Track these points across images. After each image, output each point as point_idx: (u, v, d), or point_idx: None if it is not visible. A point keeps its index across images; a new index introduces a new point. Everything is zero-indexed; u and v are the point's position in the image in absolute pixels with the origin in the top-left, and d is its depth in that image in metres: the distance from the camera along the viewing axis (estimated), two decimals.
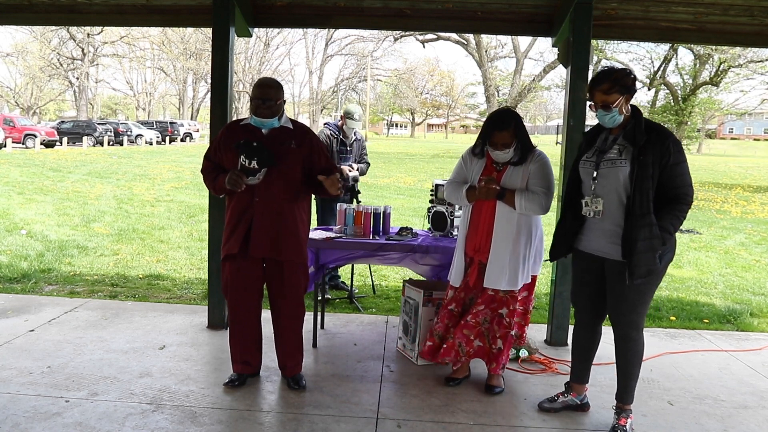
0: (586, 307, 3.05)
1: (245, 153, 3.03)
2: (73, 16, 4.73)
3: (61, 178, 14.24)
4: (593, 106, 2.83)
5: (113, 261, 6.40)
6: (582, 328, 3.11)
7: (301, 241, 3.25)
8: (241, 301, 3.27)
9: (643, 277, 2.73)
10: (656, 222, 2.71)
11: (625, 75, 2.80)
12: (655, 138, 2.73)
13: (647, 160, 2.70)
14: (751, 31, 4.50)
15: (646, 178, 2.70)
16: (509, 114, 3.25)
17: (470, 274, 3.33)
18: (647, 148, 2.71)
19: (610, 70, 2.86)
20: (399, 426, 2.96)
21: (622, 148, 2.80)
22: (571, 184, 3.01)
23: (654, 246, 2.70)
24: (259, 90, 3.12)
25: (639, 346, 2.90)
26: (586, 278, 3.01)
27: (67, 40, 42.67)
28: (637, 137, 2.74)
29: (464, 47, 30.66)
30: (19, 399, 3.06)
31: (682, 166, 2.74)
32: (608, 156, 2.83)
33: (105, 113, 61.03)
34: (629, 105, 2.83)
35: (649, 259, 2.70)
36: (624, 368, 2.94)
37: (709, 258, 7.91)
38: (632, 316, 2.85)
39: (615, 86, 2.75)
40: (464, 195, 3.27)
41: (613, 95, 2.75)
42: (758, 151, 52.30)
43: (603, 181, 2.82)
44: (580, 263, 3.04)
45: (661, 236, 2.71)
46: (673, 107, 18.66)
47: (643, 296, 2.83)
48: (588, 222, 2.93)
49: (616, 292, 2.85)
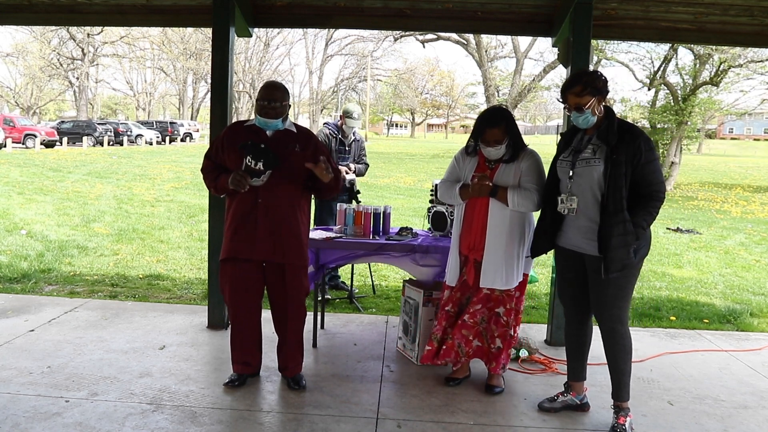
0: (572, 303, 3.13)
1: (252, 154, 3.04)
2: (73, 16, 4.73)
3: (61, 178, 14.24)
4: (567, 108, 2.93)
5: (113, 261, 6.40)
6: (570, 324, 3.17)
7: (302, 244, 3.25)
8: (242, 302, 3.27)
9: (618, 271, 2.81)
10: (629, 218, 2.80)
11: (596, 77, 2.91)
12: (627, 138, 2.83)
13: (620, 159, 2.79)
14: (751, 31, 4.50)
15: (619, 176, 2.79)
16: (501, 111, 3.29)
17: (467, 272, 3.34)
18: (620, 148, 2.81)
19: (581, 73, 3.01)
20: (399, 426, 2.96)
21: (596, 148, 2.90)
22: (550, 183, 3.11)
23: (628, 241, 2.79)
24: (266, 91, 3.14)
25: (626, 340, 2.95)
26: (568, 274, 3.10)
27: (67, 40, 42.66)
28: (610, 137, 2.84)
29: (464, 47, 30.64)
30: (19, 399, 3.06)
31: (654, 164, 2.84)
32: (583, 155, 2.93)
33: (105, 113, 61.02)
34: (602, 106, 2.92)
35: (624, 254, 2.79)
36: (614, 364, 2.99)
37: (709, 258, 7.91)
38: (614, 310, 2.92)
39: (586, 88, 2.85)
40: (457, 193, 3.29)
41: (585, 97, 2.86)
42: (758, 151, 52.28)
43: (578, 179, 2.92)
44: (561, 259, 3.14)
45: (634, 232, 2.80)
46: (673, 107, 18.61)
47: (622, 290, 2.90)
48: (566, 219, 3.02)
49: (596, 286, 2.94)
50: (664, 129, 19.17)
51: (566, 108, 2.96)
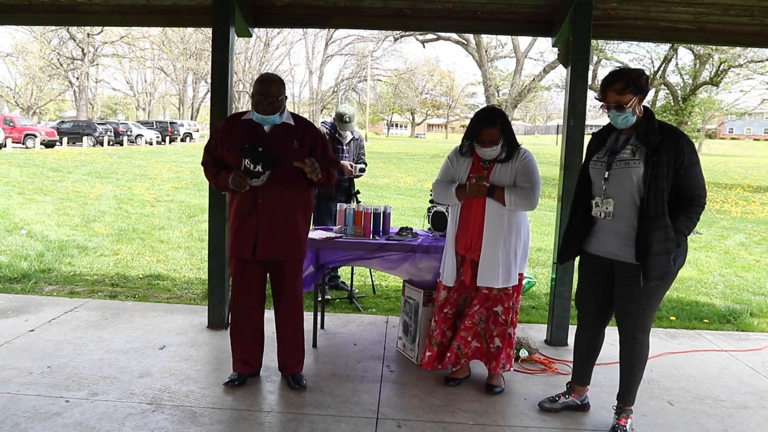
0: (592, 309, 3.03)
1: (250, 157, 3.03)
2: (73, 16, 4.73)
3: (61, 178, 14.24)
4: (606, 106, 2.79)
5: (113, 261, 6.40)
6: (586, 331, 3.09)
7: (301, 241, 3.26)
8: (244, 301, 3.28)
9: (658, 280, 2.70)
10: (671, 224, 2.68)
11: (638, 75, 2.77)
12: (669, 139, 2.70)
13: (661, 161, 2.67)
14: (751, 31, 4.50)
15: (660, 178, 2.67)
16: (496, 111, 3.29)
17: (464, 272, 3.34)
18: (661, 149, 2.68)
19: (623, 70, 2.83)
20: (399, 426, 2.96)
21: (635, 149, 2.77)
22: (581, 185, 2.98)
23: (669, 248, 2.67)
24: (260, 86, 3.09)
25: (644, 349, 2.88)
26: (594, 281, 2.98)
27: (67, 40, 42.67)
28: (651, 138, 2.71)
29: (464, 47, 30.66)
30: (19, 399, 3.06)
31: (696, 168, 2.71)
32: (621, 156, 2.79)
33: (105, 113, 61.01)
34: (642, 105, 2.80)
35: (664, 262, 2.68)
36: (628, 371, 2.92)
37: (709, 258, 7.91)
38: (640, 319, 2.82)
39: (629, 86, 2.72)
40: (454, 194, 3.28)
41: (627, 95, 2.73)
42: (758, 151, 52.31)
43: (615, 181, 2.79)
44: (588, 266, 3.00)
45: (675, 238, 2.69)
46: (673, 107, 18.64)
47: (652, 299, 2.80)
48: (599, 224, 2.89)
49: (626, 294, 2.82)
50: None
51: (603, 106, 2.80)
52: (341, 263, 4.05)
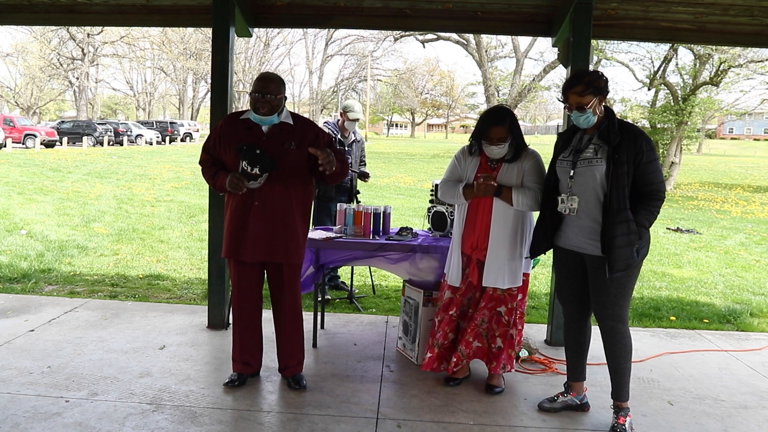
0: (571, 302, 3.13)
1: (248, 159, 3.00)
2: (73, 16, 4.73)
3: (61, 178, 14.24)
4: (568, 107, 2.93)
5: (113, 261, 6.40)
6: (570, 324, 3.17)
7: (300, 243, 3.25)
8: (243, 302, 3.27)
9: (622, 271, 2.82)
10: (632, 218, 2.80)
11: (597, 77, 2.90)
12: (628, 137, 2.83)
13: (622, 159, 2.80)
14: (751, 31, 4.50)
15: (621, 175, 2.79)
16: (504, 110, 3.31)
17: (471, 272, 3.33)
18: (621, 147, 2.81)
19: (582, 72, 2.99)
20: (399, 426, 2.96)
21: (597, 148, 2.90)
22: (549, 183, 3.10)
23: (631, 240, 2.79)
24: (259, 84, 3.07)
25: (626, 339, 2.95)
26: (568, 274, 3.09)
27: (67, 40, 42.67)
28: (612, 137, 2.84)
29: (464, 47, 30.65)
30: (19, 399, 3.06)
31: (655, 164, 2.85)
32: (584, 155, 2.92)
33: (105, 113, 61.00)
34: (602, 105, 2.92)
35: (628, 253, 2.79)
36: (614, 364, 2.98)
37: (709, 258, 7.91)
38: (615, 309, 2.92)
39: (588, 88, 2.85)
40: (461, 193, 3.28)
41: (586, 97, 2.86)
42: (758, 151, 52.28)
43: (580, 179, 2.91)
44: (560, 260, 3.13)
45: (637, 231, 2.81)
46: (673, 107, 18.61)
47: (623, 289, 2.90)
48: (566, 219, 3.01)
49: (598, 286, 2.93)
50: (664, 129, 19.17)
51: (567, 107, 2.95)
52: (341, 263, 4.05)
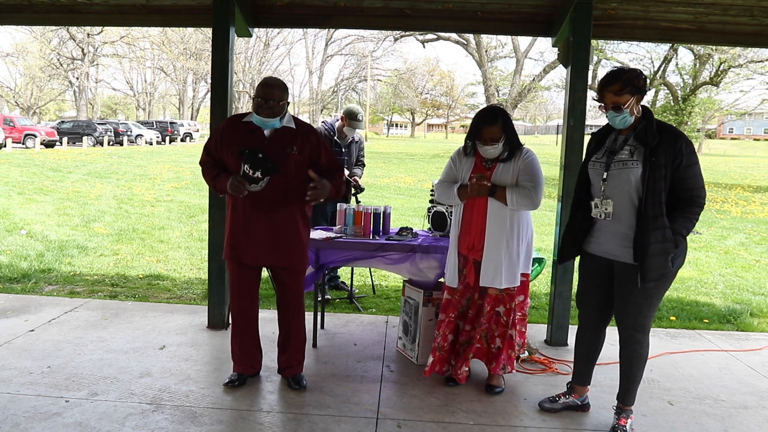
0: (593, 309, 3.03)
1: (249, 162, 3.00)
2: (73, 16, 4.73)
3: (61, 178, 14.24)
4: (603, 107, 2.79)
5: (113, 261, 6.40)
6: (587, 331, 3.09)
7: (303, 246, 3.25)
8: (243, 303, 3.27)
9: (655, 281, 2.69)
10: (669, 225, 2.67)
11: (636, 76, 2.75)
12: (667, 139, 2.68)
13: (659, 162, 2.66)
14: (751, 31, 4.50)
15: (658, 179, 2.66)
16: (497, 109, 3.30)
17: (467, 273, 3.34)
18: (659, 149, 2.67)
19: (620, 70, 2.82)
20: (399, 426, 2.96)
21: (633, 149, 2.76)
22: (580, 186, 2.97)
23: (667, 249, 2.66)
24: (262, 89, 3.08)
25: (644, 348, 2.87)
26: (595, 281, 2.98)
27: (67, 40, 42.68)
28: (649, 138, 2.70)
29: (464, 47, 30.67)
30: (19, 399, 3.06)
31: (695, 168, 2.69)
32: (619, 157, 2.79)
33: (105, 113, 60.99)
34: (640, 105, 2.79)
35: (662, 263, 2.67)
36: (627, 370, 2.92)
37: (709, 258, 7.91)
38: (638, 318, 2.81)
39: (626, 87, 2.71)
40: (456, 193, 3.29)
41: (624, 96, 2.72)
42: (758, 151, 52.31)
43: (613, 182, 2.79)
44: (589, 266, 3.00)
45: (673, 239, 2.68)
46: (673, 107, 18.65)
47: (651, 299, 2.79)
48: (598, 224, 2.89)
49: (625, 294, 2.82)
50: None
51: (601, 107, 2.79)
52: (341, 263, 4.05)
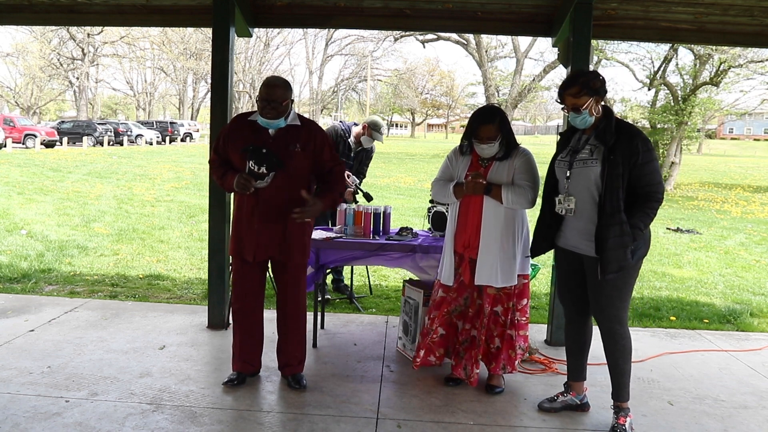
0: (571, 303, 3.13)
1: (254, 159, 3.04)
2: (73, 16, 4.73)
3: (61, 178, 14.24)
4: (565, 108, 2.92)
5: (113, 261, 6.40)
6: (570, 324, 3.18)
7: (306, 243, 3.27)
8: (244, 300, 3.28)
9: (614, 273, 2.80)
10: (626, 220, 2.78)
11: (593, 78, 2.88)
12: (624, 138, 2.81)
13: (617, 160, 2.78)
14: (751, 31, 4.50)
15: (615, 176, 2.77)
16: (493, 108, 3.33)
17: (463, 271, 3.34)
18: (617, 148, 2.79)
19: (578, 73, 2.99)
20: (399, 426, 2.96)
21: (593, 148, 2.89)
22: (549, 183, 3.10)
23: (625, 243, 2.77)
24: (266, 90, 3.09)
25: (625, 340, 2.95)
26: (568, 274, 3.10)
27: (67, 40, 42.67)
28: (607, 137, 2.83)
29: (464, 47, 30.65)
30: (19, 399, 3.06)
31: (652, 165, 2.81)
32: (580, 156, 2.92)
33: (105, 113, 60.99)
34: (600, 106, 2.91)
35: (620, 256, 2.77)
36: (614, 364, 2.98)
37: (709, 258, 7.91)
38: (612, 310, 2.91)
39: (583, 89, 2.83)
40: (451, 191, 3.29)
41: (582, 98, 2.84)
42: (758, 151, 52.28)
43: (575, 180, 2.91)
44: (561, 259, 3.14)
45: (631, 233, 2.79)
46: (673, 107, 18.60)
47: (620, 290, 2.89)
48: (566, 219, 3.02)
49: (594, 287, 2.93)
50: (664, 129, 19.17)
51: (564, 108, 2.95)
52: (341, 263, 4.05)
